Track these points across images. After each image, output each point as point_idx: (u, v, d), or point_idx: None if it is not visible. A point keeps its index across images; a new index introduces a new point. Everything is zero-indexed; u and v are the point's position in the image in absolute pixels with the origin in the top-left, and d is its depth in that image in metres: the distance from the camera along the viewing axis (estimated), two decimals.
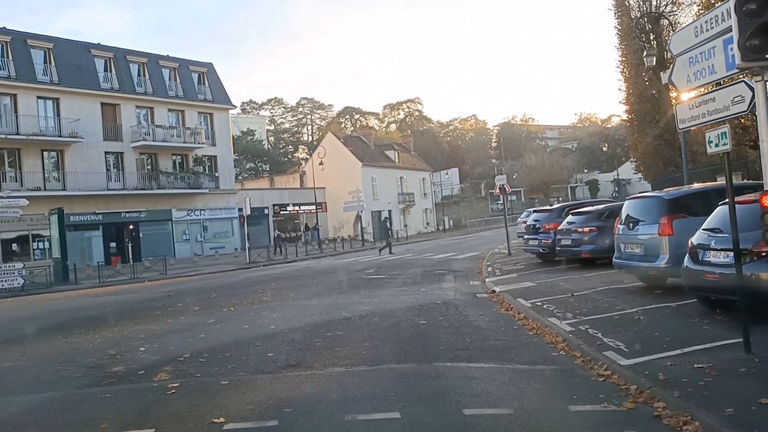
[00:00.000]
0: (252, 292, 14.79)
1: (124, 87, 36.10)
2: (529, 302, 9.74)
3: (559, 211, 16.45)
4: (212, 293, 15.64)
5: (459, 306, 10.53)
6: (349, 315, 9.98)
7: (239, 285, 18.19)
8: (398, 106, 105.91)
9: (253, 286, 16.67)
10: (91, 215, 33.94)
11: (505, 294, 11.30)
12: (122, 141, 35.70)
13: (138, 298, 15.95)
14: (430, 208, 62.54)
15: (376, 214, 52.24)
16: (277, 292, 14.72)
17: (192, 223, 39.05)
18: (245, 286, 17.53)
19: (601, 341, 6.51)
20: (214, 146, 40.83)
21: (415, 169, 60.11)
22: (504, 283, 12.97)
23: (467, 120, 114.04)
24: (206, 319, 10.33)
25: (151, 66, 37.92)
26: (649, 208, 9.81)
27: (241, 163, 72.95)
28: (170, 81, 39.05)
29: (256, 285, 17.24)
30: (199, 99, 40.33)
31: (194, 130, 38.71)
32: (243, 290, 15.94)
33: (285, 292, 14.60)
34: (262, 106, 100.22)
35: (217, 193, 40.14)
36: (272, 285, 16.78)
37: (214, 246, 39.59)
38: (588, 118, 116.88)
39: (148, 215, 36.36)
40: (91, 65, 35.04)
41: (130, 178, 35.74)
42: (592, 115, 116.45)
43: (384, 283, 15.26)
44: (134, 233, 35.98)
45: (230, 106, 42.34)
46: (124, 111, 35.96)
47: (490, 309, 10.17)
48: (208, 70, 41.51)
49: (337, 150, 50.61)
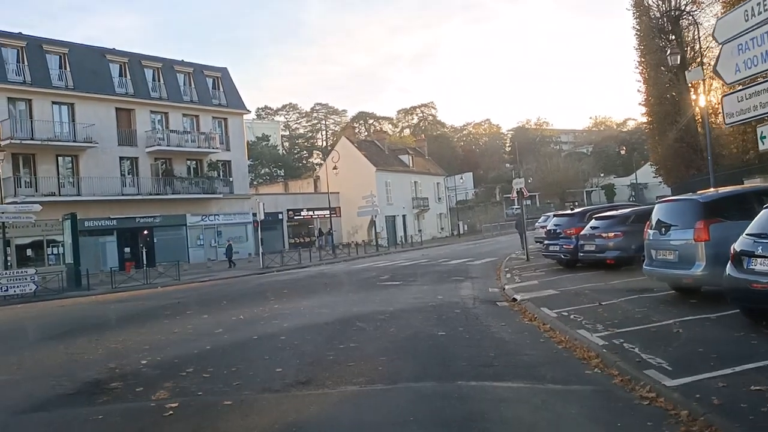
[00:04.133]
0: (263, 299, 14.35)
1: (139, 92, 36.05)
2: (554, 312, 9.17)
3: (581, 215, 15.83)
4: (223, 300, 15.23)
5: (479, 315, 9.98)
6: (363, 325, 9.48)
7: (251, 291, 17.78)
8: (412, 111, 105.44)
9: (265, 293, 16.24)
10: (105, 220, 33.85)
11: (528, 302, 10.73)
12: (137, 146, 35.61)
13: (147, 305, 15.58)
14: (445, 212, 61.91)
15: (390, 219, 51.75)
16: (288, 299, 14.26)
17: (206, 228, 38.84)
18: (257, 292, 17.11)
19: (639, 358, 5.93)
20: (229, 151, 40.64)
21: (429, 173, 59.57)
22: (525, 290, 12.39)
23: (481, 124, 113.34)
24: (214, 328, 9.89)
25: (165, 71, 37.85)
26: (682, 211, 9.18)
27: (256, 169, 72.91)
28: (185, 86, 38.95)
29: (267, 291, 16.81)
30: (213, 104, 40.20)
31: (208, 135, 38.56)
32: (254, 297, 15.52)
33: (297, 299, 14.13)
34: (277, 111, 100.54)
35: (231, 198, 39.93)
36: (284, 291, 16.34)
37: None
38: (603, 122, 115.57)
39: (162, 220, 36.21)
40: (106, 70, 35.03)
41: (145, 183, 35.62)
42: (607, 118, 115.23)
43: (399, 289, 14.75)
44: (148, 238, 35.81)
45: (244, 111, 42.17)
46: (138, 116, 35.89)
47: (513, 319, 9.61)
48: (223, 75, 41.37)
49: (351, 154, 50.22)
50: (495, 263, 21.90)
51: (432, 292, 13.67)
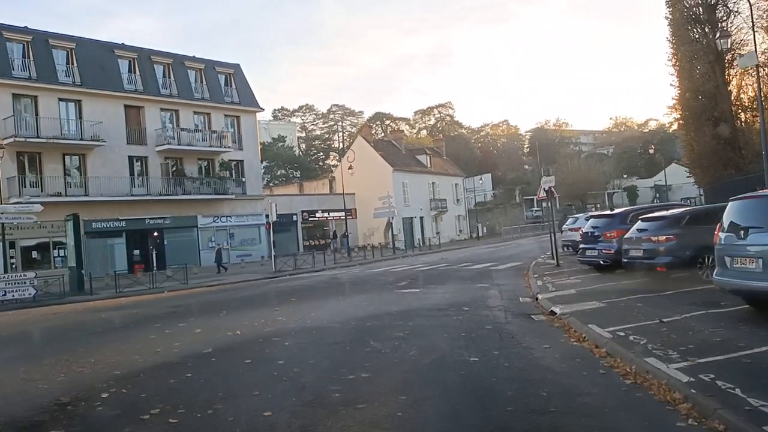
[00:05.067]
0: (267, 309, 12.94)
1: (149, 89, 34.97)
2: (607, 331, 7.61)
3: (622, 216, 14.16)
4: (223, 309, 13.82)
5: (515, 334, 8.43)
6: (378, 345, 7.99)
7: (256, 299, 16.40)
8: (429, 112, 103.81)
9: (271, 301, 14.86)
10: (113, 222, 32.78)
11: (570, 317, 9.15)
12: (146, 145, 34.51)
13: (143, 313, 14.25)
14: (463, 214, 60.18)
15: (408, 221, 50.20)
16: (295, 309, 12.82)
17: (218, 229, 37.64)
18: (262, 300, 15.72)
19: (750, 406, 4.37)
20: (241, 150, 39.41)
21: (447, 174, 57.91)
22: (563, 301, 10.82)
23: (498, 125, 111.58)
24: (203, 347, 8.45)
25: (176, 67, 36.76)
26: (766, 211, 7.57)
27: (272, 170, 71.88)
28: (196, 83, 37.82)
29: (274, 299, 15.43)
30: (225, 101, 39.00)
31: (220, 133, 37.36)
32: (258, 305, 14.14)
33: (304, 308, 12.68)
34: (294, 113, 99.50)
35: (243, 198, 38.70)
36: (292, 300, 14.91)
37: (241, 254, 38.11)
38: (624, 122, 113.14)
39: (172, 222, 35.08)
40: (115, 66, 33.99)
41: (155, 183, 34.51)
42: (628, 119, 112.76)
43: (419, 298, 13.22)
44: (158, 240, 34.73)
45: (257, 109, 40.91)
46: (148, 113, 34.81)
47: (556, 338, 8.06)
48: (235, 72, 40.18)
49: (367, 154, 48.78)
50: (521, 268, 20.37)
51: (456, 302, 12.14)
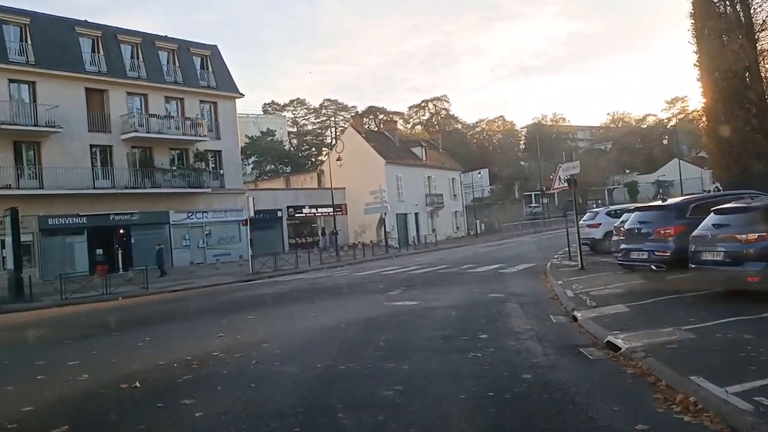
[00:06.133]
0: (211, 331, 9.60)
1: (114, 70, 31.46)
2: (736, 393, 4.40)
3: (679, 208, 10.86)
4: (155, 329, 10.48)
5: (575, 394, 5.14)
6: (350, 422, 4.69)
7: (208, 313, 13.11)
8: (424, 106, 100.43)
9: (223, 318, 11.53)
10: (73, 218, 29.31)
11: (648, 358, 5.87)
12: (110, 132, 31.02)
13: (46, 337, 10.88)
14: (461, 210, 56.89)
15: (402, 218, 46.90)
16: (248, 333, 9.47)
17: (193, 226, 34.21)
18: (214, 316, 12.40)
19: None
20: (219, 140, 35.96)
21: (444, 168, 54.60)
22: (617, 323, 7.59)
23: (494, 121, 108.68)
24: (72, 410, 5.13)
25: (145, 47, 33.25)
26: None
27: (261, 165, 68.55)
28: (168, 65, 34.31)
29: (231, 313, 12.13)
30: (201, 85, 35.50)
31: (195, 120, 33.92)
32: (203, 325, 10.82)
33: (258, 334, 9.36)
34: (285, 107, 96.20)
35: (221, 192, 35.30)
36: (250, 317, 11.58)
37: (218, 253, 34.74)
38: (621, 118, 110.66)
39: (141, 218, 31.63)
40: (75, 45, 30.46)
41: (120, 175, 31.04)
42: (625, 115, 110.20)
43: (417, 319, 9.93)
44: (125, 238, 31.31)
45: (237, 95, 37.38)
46: (112, 98, 31.30)
47: (647, 405, 4.79)
48: (212, 54, 36.67)
49: (358, 146, 45.45)
50: (535, 271, 17.23)
51: (467, 324, 8.88)
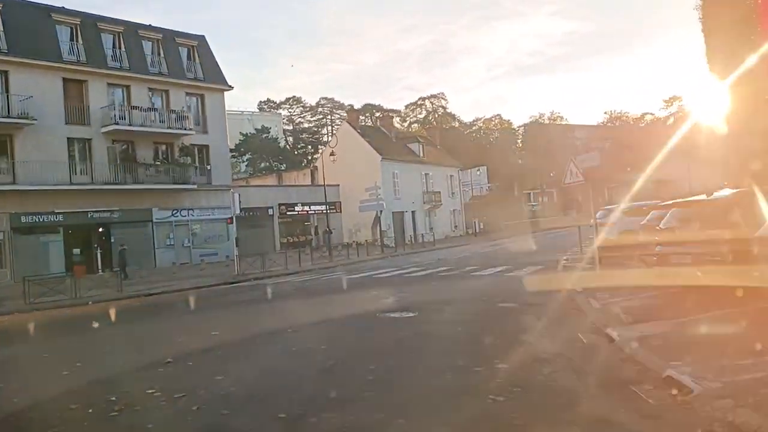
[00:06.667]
0: (169, 353, 7.89)
1: (94, 60, 29.66)
2: None
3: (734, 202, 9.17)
4: (88, 353, 8.75)
5: None
6: None
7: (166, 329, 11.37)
8: (421, 104, 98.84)
9: (190, 328, 9.82)
10: (48, 215, 27.54)
11: (750, 415, 4.21)
12: (90, 125, 29.22)
13: None
14: (459, 209, 55.20)
15: (398, 216, 45.21)
16: (194, 368, 7.78)
17: (177, 225, 32.46)
18: (167, 334, 10.68)
19: None
20: (206, 134, 34.18)
21: (441, 165, 52.87)
22: (675, 352, 5.91)
23: (491, 120, 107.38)
24: None
25: (128, 36, 31.45)
26: None
27: (255, 163, 67.07)
28: (152, 55, 32.52)
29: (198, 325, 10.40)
30: (187, 77, 33.71)
31: (180, 113, 32.14)
32: (149, 345, 9.10)
33: (222, 354, 7.66)
34: (280, 105, 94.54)
35: (208, 189, 33.51)
36: (214, 333, 9.89)
37: (204, 252, 32.98)
38: (619, 116, 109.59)
39: (122, 215, 29.85)
40: (52, 32, 28.63)
41: (100, 170, 29.24)
42: (623, 113, 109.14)
43: (415, 337, 8.22)
44: (104, 237, 29.52)
45: (225, 87, 35.58)
46: (92, 89, 29.50)
47: None
48: (199, 44, 34.89)
49: (353, 142, 43.74)
50: (543, 273, 15.59)
51: (478, 348, 7.19)
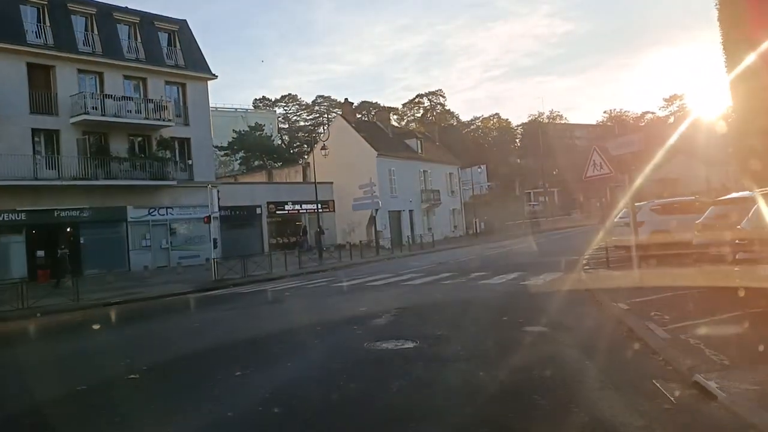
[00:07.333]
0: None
1: (62, 44, 27.11)
2: None
3: None
4: None
5: None
6: None
7: (83, 360, 8.86)
8: (419, 102, 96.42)
9: (89, 377, 7.32)
10: (10, 213, 25.01)
11: None
12: (58, 115, 26.71)
13: None
14: (458, 208, 52.75)
15: (395, 215, 42.74)
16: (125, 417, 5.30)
17: (155, 224, 29.90)
18: (72, 375, 8.18)
19: None
20: (187, 126, 31.64)
21: (441, 162, 50.43)
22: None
23: (489, 119, 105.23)
24: None
25: (101, 19, 28.91)
26: None
27: (249, 161, 65.06)
28: (129, 39, 29.98)
29: (121, 361, 7.89)
30: (167, 64, 31.17)
31: (159, 103, 29.62)
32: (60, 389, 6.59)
33: (143, 408, 5.17)
34: (276, 103, 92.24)
35: (189, 186, 30.94)
36: (134, 375, 7.40)
37: (185, 255, 30.47)
38: (619, 116, 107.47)
39: (93, 214, 27.33)
40: (16, 13, 26.06)
41: (69, 164, 26.68)
42: (623, 113, 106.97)
43: (415, 386, 5.73)
44: (72, 238, 26.96)
45: (209, 75, 33.01)
46: (60, 75, 26.97)
47: None
48: (180, 29, 32.33)
49: (347, 137, 41.31)
50: (566, 282, 13.14)
51: (510, 409, 4.70)
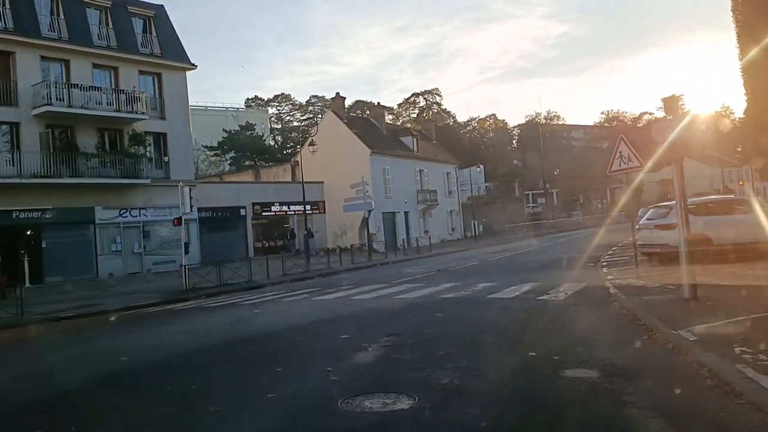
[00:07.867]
0: None
1: (24, 28, 24.67)
2: None
3: None
4: None
5: None
6: None
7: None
8: (414, 101, 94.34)
9: None
10: None
11: None
12: (18, 106, 24.28)
13: None
14: (456, 209, 50.41)
15: (389, 217, 40.35)
16: None
17: (126, 227, 27.45)
18: None
19: None
20: (164, 120, 29.21)
21: (438, 161, 48.08)
22: None
23: (486, 120, 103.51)
24: None
25: (68, 2, 26.45)
26: None
27: (240, 161, 62.94)
28: (99, 25, 27.53)
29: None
30: (141, 52, 28.73)
31: (132, 94, 27.18)
32: None
33: None
34: (269, 102, 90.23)
35: (165, 185, 28.36)
36: None
37: (159, 260, 28.01)
38: (616, 116, 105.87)
39: (57, 215, 24.86)
40: None
41: (30, 160, 24.21)
42: (621, 113, 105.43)
43: None
44: (33, 242, 24.50)
45: (188, 65, 30.52)
46: (21, 62, 24.51)
47: None
48: (156, 15, 29.87)
49: (339, 133, 38.93)
50: (599, 298, 10.93)
51: None
